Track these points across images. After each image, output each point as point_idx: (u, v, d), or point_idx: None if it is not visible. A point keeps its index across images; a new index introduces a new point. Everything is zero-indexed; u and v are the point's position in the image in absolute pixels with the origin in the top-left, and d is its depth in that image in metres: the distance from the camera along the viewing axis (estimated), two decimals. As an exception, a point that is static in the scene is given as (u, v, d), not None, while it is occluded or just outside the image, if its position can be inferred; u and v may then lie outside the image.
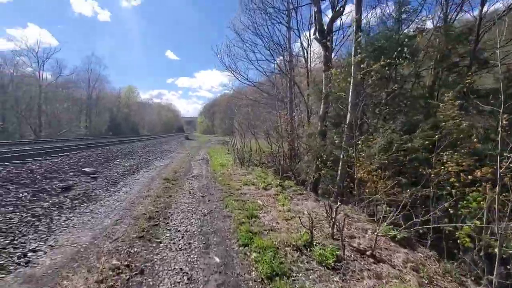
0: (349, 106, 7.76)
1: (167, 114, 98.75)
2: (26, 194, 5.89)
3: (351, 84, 7.70)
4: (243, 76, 18.07)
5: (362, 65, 7.28)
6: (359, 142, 6.78)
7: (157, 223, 4.84)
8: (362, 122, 8.07)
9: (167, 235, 4.33)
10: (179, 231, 4.50)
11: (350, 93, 7.72)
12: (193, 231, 4.48)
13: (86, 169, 8.95)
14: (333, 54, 11.87)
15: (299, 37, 15.67)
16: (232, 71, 18.01)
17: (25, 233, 4.18)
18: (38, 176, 7.24)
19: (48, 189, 6.47)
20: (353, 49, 7.90)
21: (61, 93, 39.54)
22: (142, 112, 71.18)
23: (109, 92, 57.15)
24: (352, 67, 7.63)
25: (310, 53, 15.62)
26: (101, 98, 52.03)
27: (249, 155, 13.63)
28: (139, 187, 7.74)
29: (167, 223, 4.88)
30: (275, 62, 17.37)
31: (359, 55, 7.36)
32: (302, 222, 4.28)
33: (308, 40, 15.07)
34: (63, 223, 4.74)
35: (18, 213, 4.87)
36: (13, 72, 31.89)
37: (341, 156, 7.88)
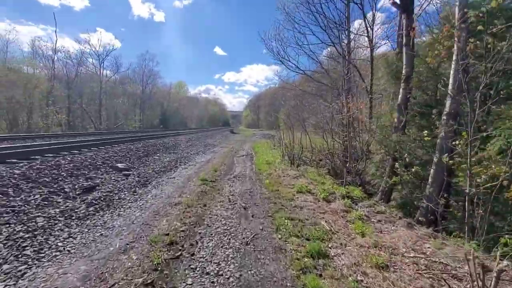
0: (449, 89, 5.44)
1: (213, 108, 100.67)
2: (38, 196, 4.89)
3: (454, 59, 5.36)
4: (293, 64, 16.11)
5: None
6: (474, 140, 4.49)
7: (179, 253, 3.32)
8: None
9: (189, 281, 2.78)
10: (207, 273, 2.92)
11: (452, 70, 5.39)
12: (227, 278, 2.86)
13: (120, 165, 7.99)
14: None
15: (362, 10, 13.13)
16: (281, 58, 16.17)
17: (-3, 262, 2.97)
18: (62, 173, 6.35)
19: (67, 190, 5.45)
20: (456, 8, 5.53)
21: (118, 88, 41.68)
22: (191, 106, 73.10)
23: (161, 87, 59.40)
24: (455, 31, 5.27)
25: (374, 31, 13.05)
26: (154, 93, 54.13)
27: (300, 152, 11.75)
28: (171, 189, 6.44)
29: (193, 254, 3.33)
30: (330, 44, 15.04)
31: (467, 12, 5.00)
32: None
33: (373, 14, 12.51)
34: (59, 245, 3.49)
35: (11, 226, 3.78)
36: (77, 69, 34.12)
37: (435, 159, 5.62)
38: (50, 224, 4.01)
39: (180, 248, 3.48)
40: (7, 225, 3.78)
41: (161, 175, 8.01)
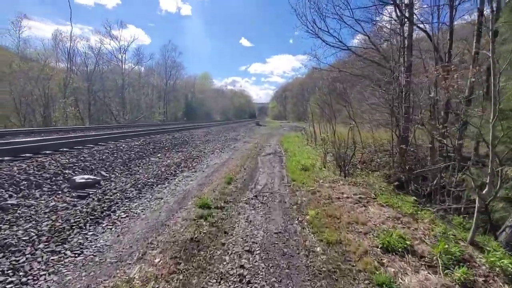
0: None
1: (239, 100, 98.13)
2: None
3: None
4: (334, 37, 12.46)
5: None
6: None
7: None
8: None
9: None
10: None
11: None
12: None
13: (84, 177, 5.21)
14: None
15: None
16: (317, 31, 12.58)
17: None
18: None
19: None
20: None
21: (140, 80, 40.11)
22: (216, 98, 71.01)
23: (185, 78, 57.59)
24: None
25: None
26: (177, 85, 52.39)
27: (350, 151, 8.36)
28: (138, 231, 3.50)
29: None
30: (383, 13, 11.24)
31: None
32: None
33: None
34: None
35: None
36: (97, 61, 32.68)
37: None
38: None
39: None
40: None
41: (142, 194, 5.11)
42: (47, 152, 6.50)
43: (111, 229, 3.57)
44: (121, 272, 2.57)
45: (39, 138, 8.58)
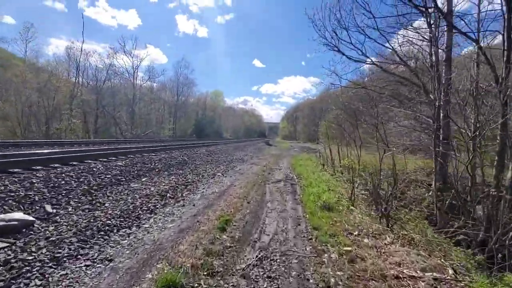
0: None
1: (250, 119, 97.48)
2: None
3: None
4: (358, 50, 10.81)
5: None
6: None
7: None
8: None
9: None
10: None
11: None
12: None
13: (6, 217, 3.48)
14: None
15: None
16: (338, 42, 10.99)
17: None
18: None
19: None
20: None
21: (151, 95, 39.52)
22: (227, 116, 70.27)
23: (197, 96, 57.20)
24: None
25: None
26: (188, 101, 51.83)
27: (387, 184, 6.41)
28: None
29: None
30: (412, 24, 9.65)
31: None
32: None
33: None
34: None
35: None
36: (107, 74, 32.17)
37: None
38: None
39: None
40: None
41: (92, 245, 3.31)
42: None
43: None
44: None
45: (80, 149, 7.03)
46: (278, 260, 3.24)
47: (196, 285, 2.60)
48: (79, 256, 3.07)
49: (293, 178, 9.94)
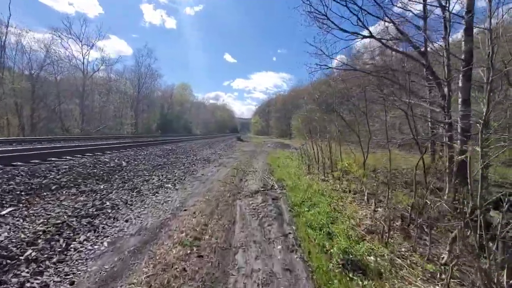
0: None
1: (221, 114, 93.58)
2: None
3: None
4: (354, 15, 8.21)
5: None
6: None
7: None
8: None
9: None
10: None
11: None
12: None
13: None
14: None
15: None
16: (326, 7, 8.31)
17: None
18: None
19: None
20: None
21: (107, 86, 34.50)
22: (197, 111, 65.95)
23: (162, 89, 52.37)
24: None
25: None
26: (152, 94, 47.07)
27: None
28: None
29: None
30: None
31: None
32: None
33: None
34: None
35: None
36: (44, 61, 26.88)
37: None
38: None
39: None
40: None
41: None
42: None
43: None
44: None
45: None
46: None
47: None
48: None
49: (273, 187, 7.17)
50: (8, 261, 2.65)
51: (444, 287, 2.51)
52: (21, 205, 4.00)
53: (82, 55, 30.90)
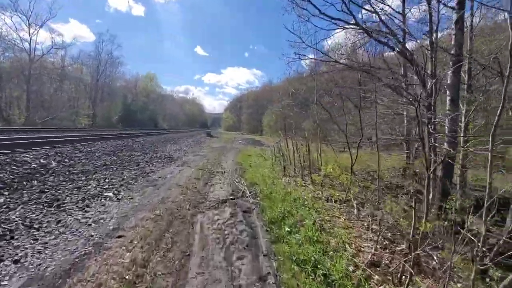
0: None
1: (191, 108, 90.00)
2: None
3: None
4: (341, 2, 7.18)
5: None
6: None
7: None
8: None
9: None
10: None
11: None
12: None
13: None
14: None
15: None
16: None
17: None
18: None
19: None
20: None
21: (59, 72, 30.57)
22: (164, 104, 62.30)
23: (126, 78, 48.42)
24: None
25: None
26: (114, 83, 43.23)
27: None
28: None
29: None
30: None
31: None
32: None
33: None
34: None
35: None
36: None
37: None
38: None
39: None
40: None
41: None
42: None
43: None
44: None
45: None
46: None
47: None
48: None
49: (245, 193, 5.93)
50: None
51: None
52: None
53: (29, 35, 26.91)
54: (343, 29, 8.87)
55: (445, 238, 3.70)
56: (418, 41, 8.98)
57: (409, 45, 8.87)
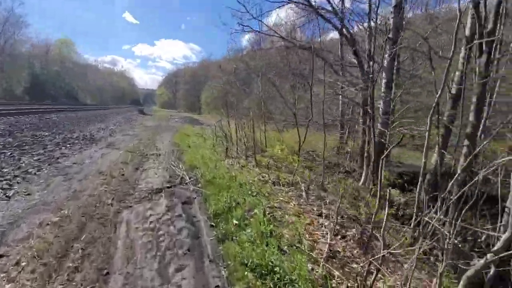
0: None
1: (120, 82, 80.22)
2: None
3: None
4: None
5: None
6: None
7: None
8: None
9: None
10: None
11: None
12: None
13: None
14: None
15: None
16: None
17: None
18: None
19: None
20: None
21: None
22: (87, 76, 53.85)
23: (32, 41, 39.66)
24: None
25: None
26: (17, 47, 35.06)
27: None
28: None
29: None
30: None
31: None
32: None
33: None
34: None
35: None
36: None
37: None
38: None
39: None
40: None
41: None
42: None
43: None
44: None
45: None
46: None
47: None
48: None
49: (184, 179, 5.18)
50: None
51: None
52: None
53: None
54: (288, 2, 8.40)
55: (394, 223, 3.71)
56: (359, 24, 9.10)
57: (354, 29, 8.94)
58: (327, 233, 3.21)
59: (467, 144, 5.14)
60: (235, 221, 3.25)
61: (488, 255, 1.79)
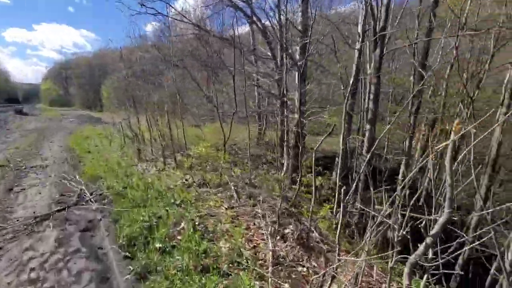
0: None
1: (-16, 74, 61.78)
2: None
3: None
4: None
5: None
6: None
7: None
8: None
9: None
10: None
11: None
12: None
13: None
14: None
15: None
16: None
17: None
18: None
19: None
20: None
21: None
22: None
23: None
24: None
25: None
26: None
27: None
28: None
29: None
30: None
31: None
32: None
33: None
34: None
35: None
36: None
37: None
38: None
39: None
40: None
41: None
42: None
43: None
44: None
45: None
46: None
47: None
48: None
49: (83, 196, 4.04)
50: None
51: None
52: None
53: None
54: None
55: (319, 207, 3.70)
56: (269, 16, 9.09)
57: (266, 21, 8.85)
58: (267, 237, 2.90)
59: (369, 128, 5.73)
60: (158, 245, 2.57)
61: (427, 239, 1.67)
